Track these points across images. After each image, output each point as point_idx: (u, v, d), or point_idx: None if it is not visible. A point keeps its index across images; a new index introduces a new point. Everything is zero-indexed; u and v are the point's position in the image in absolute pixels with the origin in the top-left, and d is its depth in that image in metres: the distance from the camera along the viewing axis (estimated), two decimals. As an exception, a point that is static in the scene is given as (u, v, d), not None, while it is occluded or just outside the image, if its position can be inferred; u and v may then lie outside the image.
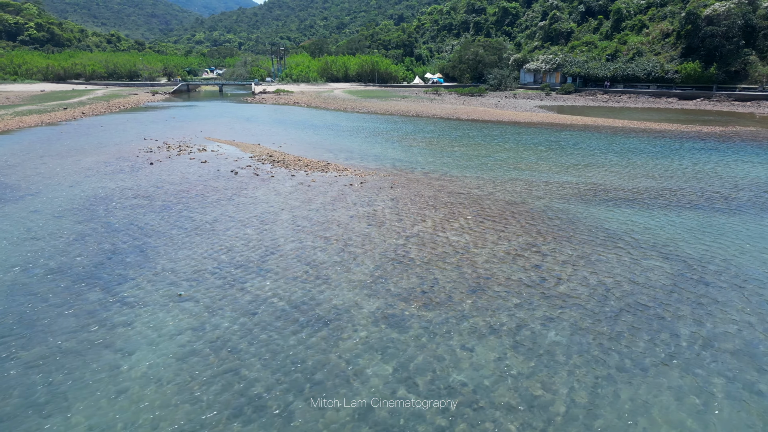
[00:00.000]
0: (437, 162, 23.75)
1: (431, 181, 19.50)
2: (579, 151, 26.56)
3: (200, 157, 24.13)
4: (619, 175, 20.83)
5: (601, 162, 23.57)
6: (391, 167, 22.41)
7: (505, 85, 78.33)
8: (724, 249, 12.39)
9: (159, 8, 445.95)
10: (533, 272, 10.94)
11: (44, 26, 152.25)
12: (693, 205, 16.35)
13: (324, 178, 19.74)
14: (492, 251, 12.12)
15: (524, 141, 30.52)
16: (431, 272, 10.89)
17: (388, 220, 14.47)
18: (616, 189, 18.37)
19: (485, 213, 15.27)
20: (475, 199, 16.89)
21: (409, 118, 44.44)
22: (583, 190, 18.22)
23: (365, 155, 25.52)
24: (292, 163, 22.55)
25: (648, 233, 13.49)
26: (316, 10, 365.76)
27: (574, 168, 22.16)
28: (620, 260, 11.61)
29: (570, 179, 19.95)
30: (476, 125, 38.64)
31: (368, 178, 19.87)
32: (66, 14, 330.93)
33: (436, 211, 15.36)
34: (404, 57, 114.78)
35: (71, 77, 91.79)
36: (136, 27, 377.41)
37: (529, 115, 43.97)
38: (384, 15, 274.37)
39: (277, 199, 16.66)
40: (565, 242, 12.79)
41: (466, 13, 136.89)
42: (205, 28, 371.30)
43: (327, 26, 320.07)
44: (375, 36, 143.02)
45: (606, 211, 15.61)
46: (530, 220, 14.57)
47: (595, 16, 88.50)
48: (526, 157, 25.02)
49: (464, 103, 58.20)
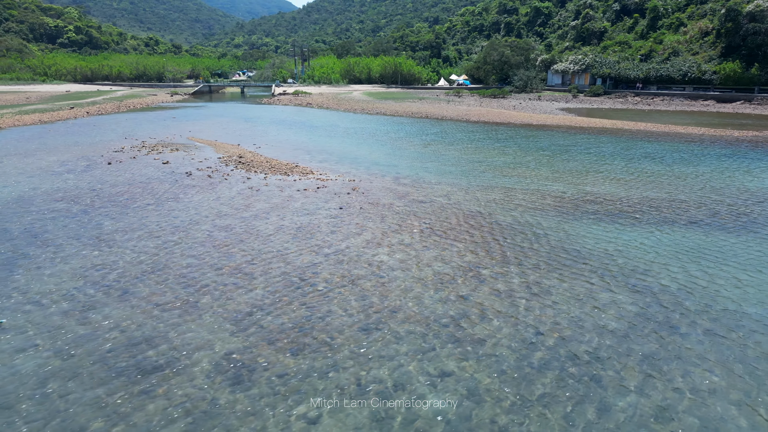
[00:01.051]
0: (420, 166, 21.53)
1: (398, 188, 17.32)
2: (585, 156, 23.85)
3: (167, 157, 22.62)
4: (620, 183, 18.17)
5: (604, 168, 20.88)
6: (364, 171, 20.33)
7: (531, 87, 74.98)
8: (715, 280, 9.79)
9: (203, 13, 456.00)
10: (455, 306, 8.68)
11: (83, 29, 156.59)
12: (694, 221, 13.65)
13: (280, 182, 17.83)
14: (419, 275, 9.90)
15: (529, 145, 27.92)
16: (328, 302, 8.77)
17: (320, 232, 12.40)
18: (608, 200, 15.78)
19: (438, 226, 13.01)
20: (436, 209, 14.64)
21: (416, 119, 42.23)
22: (568, 200, 15.71)
23: (345, 157, 23.51)
24: (257, 166, 20.75)
25: (624, 257, 10.97)
26: (353, 13, 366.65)
27: (572, 175, 19.59)
28: (574, 293, 9.20)
29: (560, 188, 17.43)
30: (485, 127, 36.11)
31: (330, 183, 17.85)
32: (114, 19, 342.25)
33: (382, 223, 13.20)
34: (431, 58, 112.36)
35: (99, 78, 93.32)
36: (180, 32, 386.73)
37: (544, 118, 41.09)
38: (419, 18, 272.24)
39: (211, 205, 14.82)
40: (514, 266, 10.43)
41: (498, 13, 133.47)
42: (245, 32, 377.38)
43: (363, 29, 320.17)
44: (405, 38, 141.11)
45: (584, 226, 13.11)
46: (486, 237, 12.24)
47: (630, 15, 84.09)
48: (524, 162, 22.54)
49: (482, 104, 55.51)
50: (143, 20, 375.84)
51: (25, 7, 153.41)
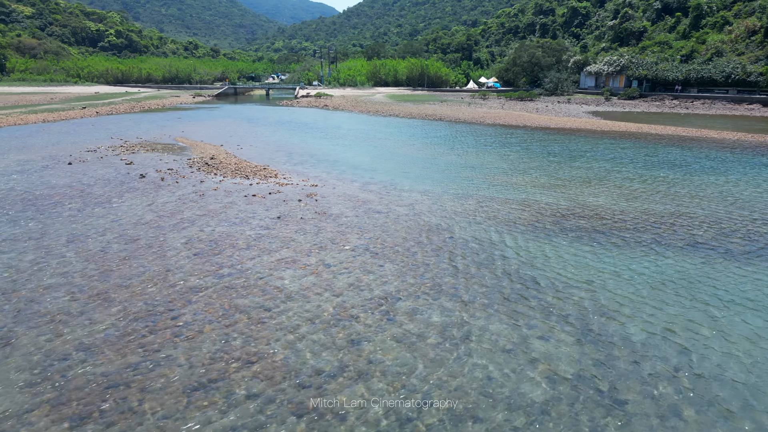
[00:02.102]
0: (402, 171, 19.38)
1: (361, 194, 15.25)
2: (596, 163, 21.21)
3: (136, 158, 21.24)
4: (625, 193, 15.58)
5: (613, 176, 18.26)
6: (337, 174, 18.35)
7: (562, 90, 71.38)
8: (694, 327, 7.33)
9: (247, 19, 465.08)
10: (335, 356, 6.59)
11: (123, 33, 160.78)
12: (696, 243, 11.04)
13: (234, 186, 16.03)
14: (316, 309, 7.83)
15: (538, 150, 25.36)
16: (175, 346, 6.80)
17: (233, 247, 10.46)
18: (601, 214, 13.27)
19: (379, 242, 10.87)
20: (389, 221, 12.51)
21: (428, 121, 39.97)
22: (552, 214, 13.30)
23: (326, 160, 21.59)
24: (223, 168, 19.05)
25: (589, 291, 8.59)
26: (391, 18, 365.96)
27: (573, 183, 17.09)
28: (504, 341, 6.95)
29: (550, 198, 15.00)
30: (497, 131, 33.55)
31: (287, 188, 15.94)
32: (162, 24, 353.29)
33: (315, 237, 11.16)
34: (462, 61, 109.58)
35: (129, 81, 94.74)
36: (224, 36, 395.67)
37: (565, 121, 38.13)
38: (458, 21, 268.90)
39: (136, 212, 13.12)
40: (444, 298, 8.23)
41: (534, 14, 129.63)
42: (285, 36, 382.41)
43: (400, 33, 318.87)
44: (438, 40, 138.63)
45: (556, 247, 10.72)
46: (429, 258, 10.03)
47: (672, 14, 79.32)
48: (523, 168, 20.13)
49: (503, 107, 52.70)
50: (189, 26, 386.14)
51: (70, 12, 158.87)
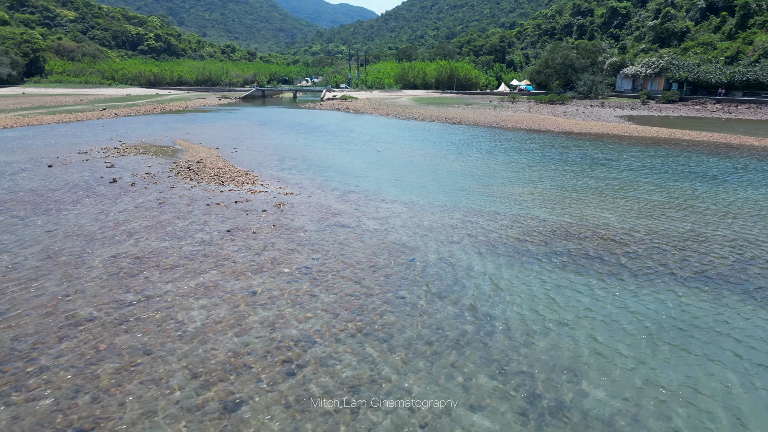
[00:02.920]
0: (392, 179, 17.82)
1: (335, 205, 13.77)
2: (614, 172, 19.15)
3: (121, 161, 20.41)
4: (636, 209, 13.60)
5: (628, 188, 16.24)
6: (321, 182, 16.93)
7: (596, 93, 68.14)
8: (699, 401, 5.52)
9: (287, 23, 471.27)
10: (198, 426, 5.08)
11: (162, 37, 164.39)
12: (711, 274, 9.08)
13: (203, 194, 14.81)
14: (205, 355, 6.41)
15: (554, 157, 23.36)
16: (7, 399, 5.45)
17: (157, 267, 9.14)
18: (599, 234, 11.39)
19: (328, 265, 9.37)
20: (352, 238, 10.98)
21: (447, 125, 38.17)
22: (542, 232, 11.50)
23: (317, 165, 20.21)
24: (204, 173, 17.90)
25: (555, 338, 6.84)
26: (429, 21, 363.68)
27: (579, 196, 15.20)
28: (414, 408, 5.33)
29: (547, 214, 13.17)
30: (515, 135, 31.50)
31: (259, 196, 14.60)
32: (205, 29, 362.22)
33: (257, 256, 9.73)
34: (494, 63, 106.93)
35: (161, 83, 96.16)
36: (264, 40, 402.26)
37: (591, 125, 35.67)
38: (496, 23, 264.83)
39: (81, 221, 12.01)
40: (368, 344, 6.69)
41: (572, 15, 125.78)
42: (323, 40, 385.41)
43: (437, 36, 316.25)
44: (471, 42, 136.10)
45: (532, 276, 8.98)
46: (377, 285, 8.48)
47: (717, 13, 74.93)
48: (529, 178, 18.32)
49: (530, 110, 50.29)
50: (231, 30, 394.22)
51: (112, 16, 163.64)
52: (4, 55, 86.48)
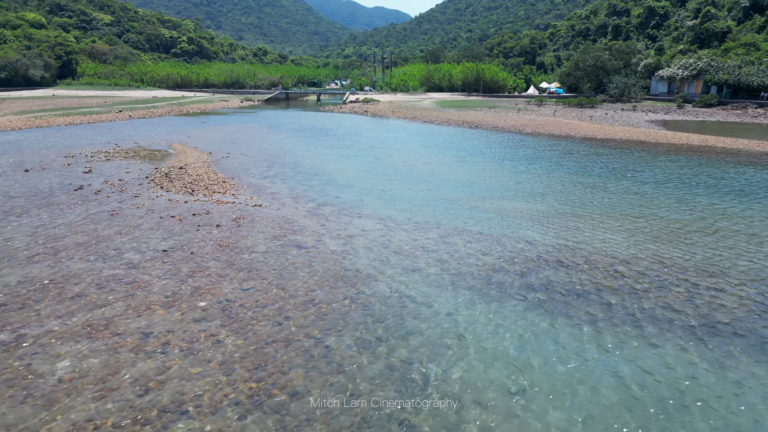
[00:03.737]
0: (377, 188, 16.31)
1: (301, 219, 12.36)
2: (633, 185, 17.19)
3: (103, 166, 19.57)
4: (644, 230, 11.75)
5: (644, 204, 14.32)
6: (300, 192, 15.57)
7: (629, 96, 64.92)
8: None
9: (321, 26, 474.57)
10: None
11: (195, 40, 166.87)
12: (720, 322, 7.23)
13: (164, 204, 13.62)
14: (31, 431, 4.99)
15: (570, 165, 21.44)
16: None
17: (45, 300, 7.86)
18: (586, 262, 9.64)
19: (255, 297, 7.94)
20: (303, 261, 9.56)
21: (463, 129, 36.36)
22: (521, 260, 9.82)
23: (303, 172, 18.86)
24: (178, 180, 16.77)
25: (504, 412, 5.19)
26: (462, 23, 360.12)
27: (583, 214, 13.40)
28: None
29: (537, 234, 11.46)
30: (533, 140, 29.50)
31: (223, 207, 13.31)
32: (242, 33, 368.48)
33: (179, 284, 8.41)
34: (524, 65, 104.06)
35: (187, 85, 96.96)
36: (299, 44, 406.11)
37: (617, 131, 33.29)
38: (531, 25, 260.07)
39: (12, 235, 10.88)
40: (255, 416, 5.14)
41: (607, 16, 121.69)
42: (356, 43, 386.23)
43: (470, 38, 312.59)
44: (502, 44, 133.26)
45: (493, 317, 7.35)
46: (301, 328, 7.01)
47: (762, 12, 70.61)
48: (534, 190, 16.59)
49: (554, 114, 47.88)
50: (267, 33, 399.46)
51: (147, 19, 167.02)
52: (37, 58, 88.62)
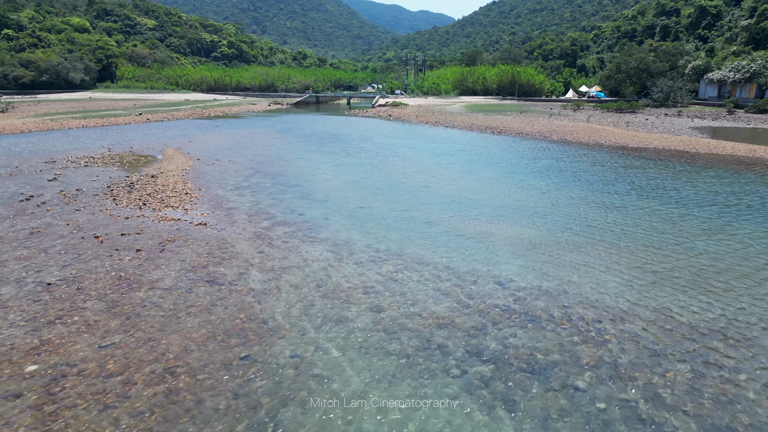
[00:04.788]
0: (353, 205, 14.34)
1: (240, 243, 10.52)
2: (650, 205, 14.63)
3: (73, 173, 18.42)
4: (650, 270, 9.41)
5: (658, 231, 11.83)
6: (262, 207, 13.78)
7: (674, 100, 60.50)
8: None
9: (365, 30, 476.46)
10: None
11: (235, 44, 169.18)
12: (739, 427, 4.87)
13: (100, 221, 12.07)
14: None
15: (591, 178, 18.89)
16: None
17: None
18: (563, 316, 7.48)
19: (102, 363, 6.12)
20: (200, 305, 7.76)
21: (484, 135, 33.91)
22: (477, 310, 7.76)
23: (282, 183, 17.09)
24: (138, 191, 15.28)
25: None
26: (506, 26, 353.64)
27: (577, 242, 11.11)
28: None
29: (507, 272, 9.28)
30: (560, 149, 26.82)
31: (162, 226, 11.64)
32: (286, 37, 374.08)
33: (27, 338, 6.68)
34: (564, 68, 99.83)
35: (220, 88, 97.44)
36: (342, 48, 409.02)
37: (653, 139, 30.11)
38: (576, 27, 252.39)
39: None
40: None
41: (655, 16, 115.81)
42: (398, 46, 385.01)
43: (513, 41, 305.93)
44: (542, 46, 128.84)
45: (404, 407, 5.19)
46: (136, 413, 5.02)
47: (827, 10, 64.76)
48: (531, 209, 14.24)
49: (589, 120, 44.58)
50: (311, 38, 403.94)
51: (190, 24, 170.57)
52: (78, 61, 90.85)
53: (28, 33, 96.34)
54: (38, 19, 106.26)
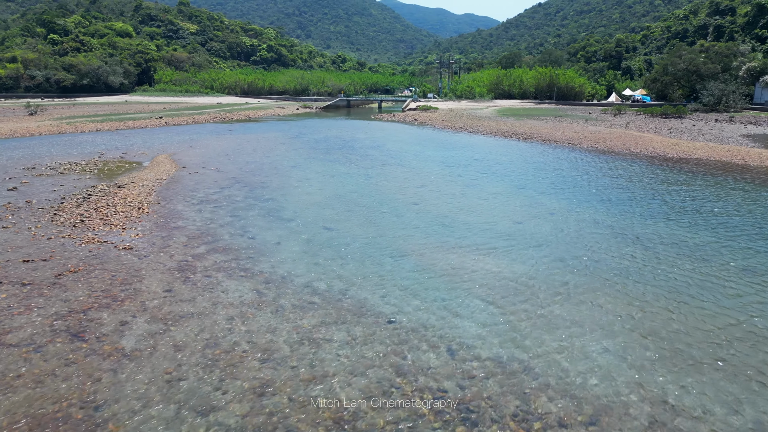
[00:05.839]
0: (320, 225, 12.29)
1: (149, 277, 8.68)
2: (678, 231, 12.04)
3: (39, 182, 17.14)
4: (660, 336, 7.00)
5: (687, 274, 9.37)
6: (215, 226, 11.92)
7: (726, 105, 55.76)
8: None
9: (408, 34, 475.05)
10: None
11: (274, 48, 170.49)
12: None
13: (20, 242, 10.47)
14: None
15: (606, 195, 16.27)
16: None
17: None
18: (512, 421, 5.01)
19: None
20: (27, 381, 5.74)
21: (508, 141, 31.33)
22: (392, 400, 5.40)
23: (254, 197, 15.26)
24: (93, 204, 13.77)
25: None
26: (551, 28, 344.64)
27: (572, 284, 8.78)
28: None
29: (468, 331, 7.10)
30: (585, 158, 24.05)
31: (79, 252, 10.01)
32: (330, 41, 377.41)
33: None
34: (608, 70, 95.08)
35: (253, 92, 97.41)
36: (384, 51, 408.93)
37: (697, 148, 26.80)
38: (626, 29, 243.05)
39: None
40: None
41: (708, 15, 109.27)
42: (440, 50, 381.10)
43: (558, 44, 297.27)
44: (586, 48, 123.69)
45: None
46: None
47: None
48: (529, 235, 11.90)
49: (627, 126, 41.05)
50: (354, 42, 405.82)
51: (231, 29, 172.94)
52: (118, 65, 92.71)
53: (72, 37, 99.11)
54: (84, 24, 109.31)
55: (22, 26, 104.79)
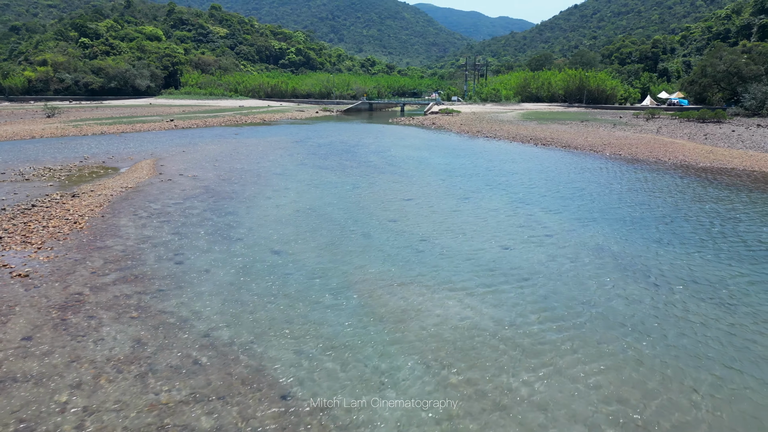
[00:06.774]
0: (271, 248, 10.52)
1: (20, 316, 6.96)
2: (714, 269, 9.80)
3: (12, 189, 15.74)
4: (677, 420, 4.70)
5: (716, 326, 7.17)
6: (146, 247, 10.28)
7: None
8: None
9: (440, 37, 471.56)
10: None
11: (303, 51, 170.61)
12: None
13: None
14: None
15: (619, 215, 14.01)
16: None
17: None
18: None
19: None
20: None
21: (526, 147, 29.01)
22: None
23: (219, 209, 13.57)
24: (31, 216, 12.27)
25: None
26: (587, 30, 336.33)
27: (568, 336, 6.71)
28: None
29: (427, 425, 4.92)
30: (605, 165, 21.62)
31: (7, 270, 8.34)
32: (362, 45, 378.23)
33: None
34: (643, 72, 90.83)
35: (276, 95, 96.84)
36: (416, 55, 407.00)
37: (732, 156, 23.94)
38: (665, 30, 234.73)
39: None
40: None
41: (752, 15, 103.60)
42: (473, 53, 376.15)
43: (593, 46, 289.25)
44: (620, 49, 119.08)
45: None
46: None
47: None
48: (524, 266, 9.93)
49: (659, 131, 37.97)
50: (386, 45, 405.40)
51: (261, 32, 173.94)
52: (145, 68, 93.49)
53: (102, 41, 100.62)
54: (116, 28, 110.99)
55: (57, 30, 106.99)
